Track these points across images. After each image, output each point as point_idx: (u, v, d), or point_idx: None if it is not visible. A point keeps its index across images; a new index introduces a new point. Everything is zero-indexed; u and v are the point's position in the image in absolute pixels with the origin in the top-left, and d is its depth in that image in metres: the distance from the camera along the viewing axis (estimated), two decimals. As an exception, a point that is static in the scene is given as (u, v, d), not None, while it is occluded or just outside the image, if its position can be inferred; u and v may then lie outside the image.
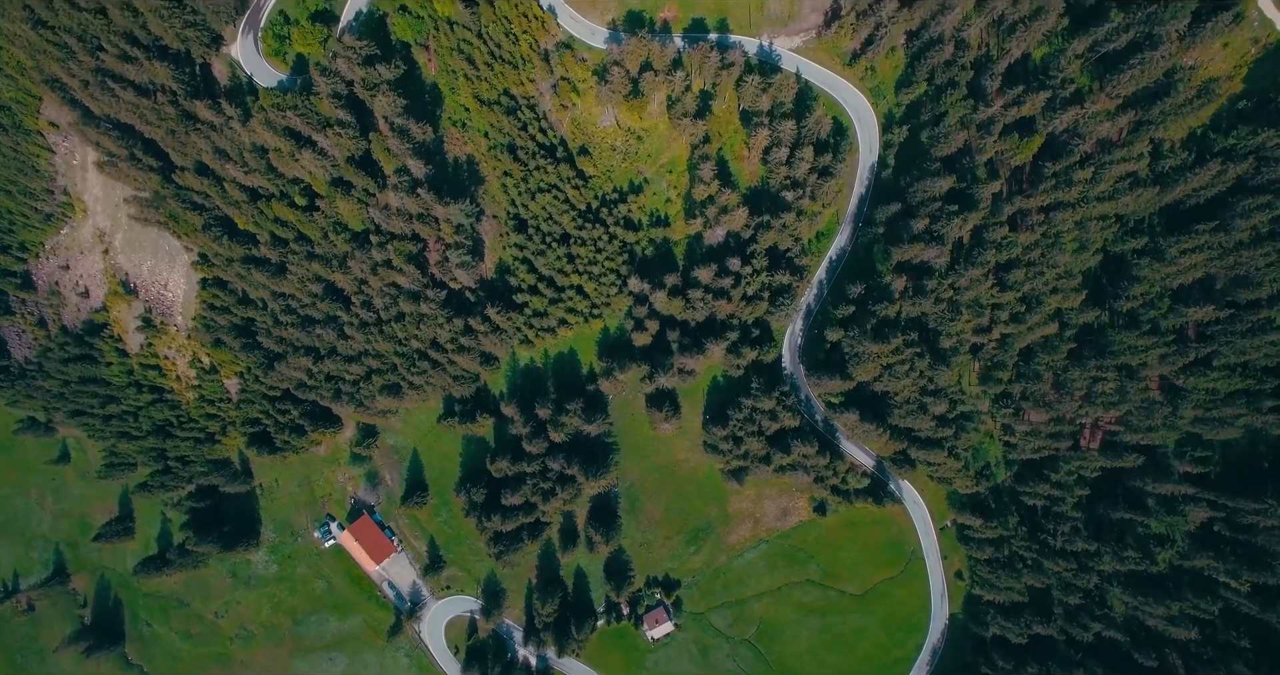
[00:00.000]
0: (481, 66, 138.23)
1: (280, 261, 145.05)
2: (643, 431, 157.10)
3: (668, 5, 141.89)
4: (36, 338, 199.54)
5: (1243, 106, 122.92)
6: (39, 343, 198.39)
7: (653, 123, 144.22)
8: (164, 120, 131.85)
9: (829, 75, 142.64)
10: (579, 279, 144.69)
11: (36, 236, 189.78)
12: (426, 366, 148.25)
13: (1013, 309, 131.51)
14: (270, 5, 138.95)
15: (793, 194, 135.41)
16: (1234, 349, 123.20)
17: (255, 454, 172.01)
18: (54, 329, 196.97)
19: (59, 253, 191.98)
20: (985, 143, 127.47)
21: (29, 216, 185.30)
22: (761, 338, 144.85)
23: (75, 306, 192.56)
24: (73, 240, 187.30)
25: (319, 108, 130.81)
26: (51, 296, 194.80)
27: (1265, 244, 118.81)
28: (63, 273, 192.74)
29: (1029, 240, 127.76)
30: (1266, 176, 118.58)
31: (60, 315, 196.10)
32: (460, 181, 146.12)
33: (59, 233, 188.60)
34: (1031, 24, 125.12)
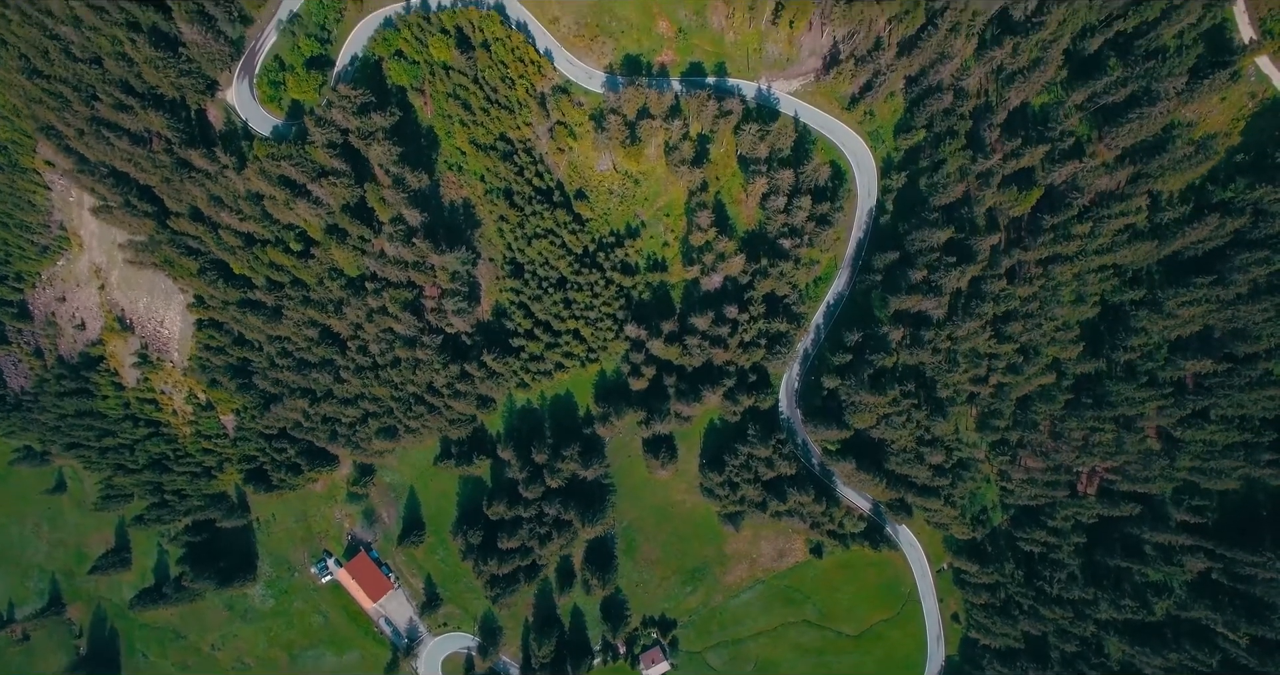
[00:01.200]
0: (478, 111, 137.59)
1: (276, 305, 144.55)
2: (640, 473, 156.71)
3: (665, 49, 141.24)
4: (33, 368, 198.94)
5: (1240, 159, 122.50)
6: (35, 373, 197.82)
7: (650, 166, 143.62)
8: (159, 168, 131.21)
9: (827, 119, 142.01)
10: (575, 324, 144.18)
11: (33, 267, 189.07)
12: (423, 410, 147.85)
13: (1010, 360, 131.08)
14: (265, 50, 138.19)
15: (790, 242, 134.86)
16: (1232, 402, 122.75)
17: (252, 491, 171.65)
18: (50, 359, 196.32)
19: (55, 284, 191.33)
20: (984, 194, 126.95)
21: (25, 248, 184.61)
22: (758, 384, 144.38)
23: (71, 338, 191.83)
24: (69, 272, 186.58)
25: (314, 156, 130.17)
26: (48, 327, 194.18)
27: (1264, 298, 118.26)
28: (59, 304, 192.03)
29: (1027, 293, 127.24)
30: (1264, 231, 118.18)
31: (56, 346, 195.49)
32: (456, 225, 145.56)
33: (55, 264, 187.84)
34: (1031, 75, 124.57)
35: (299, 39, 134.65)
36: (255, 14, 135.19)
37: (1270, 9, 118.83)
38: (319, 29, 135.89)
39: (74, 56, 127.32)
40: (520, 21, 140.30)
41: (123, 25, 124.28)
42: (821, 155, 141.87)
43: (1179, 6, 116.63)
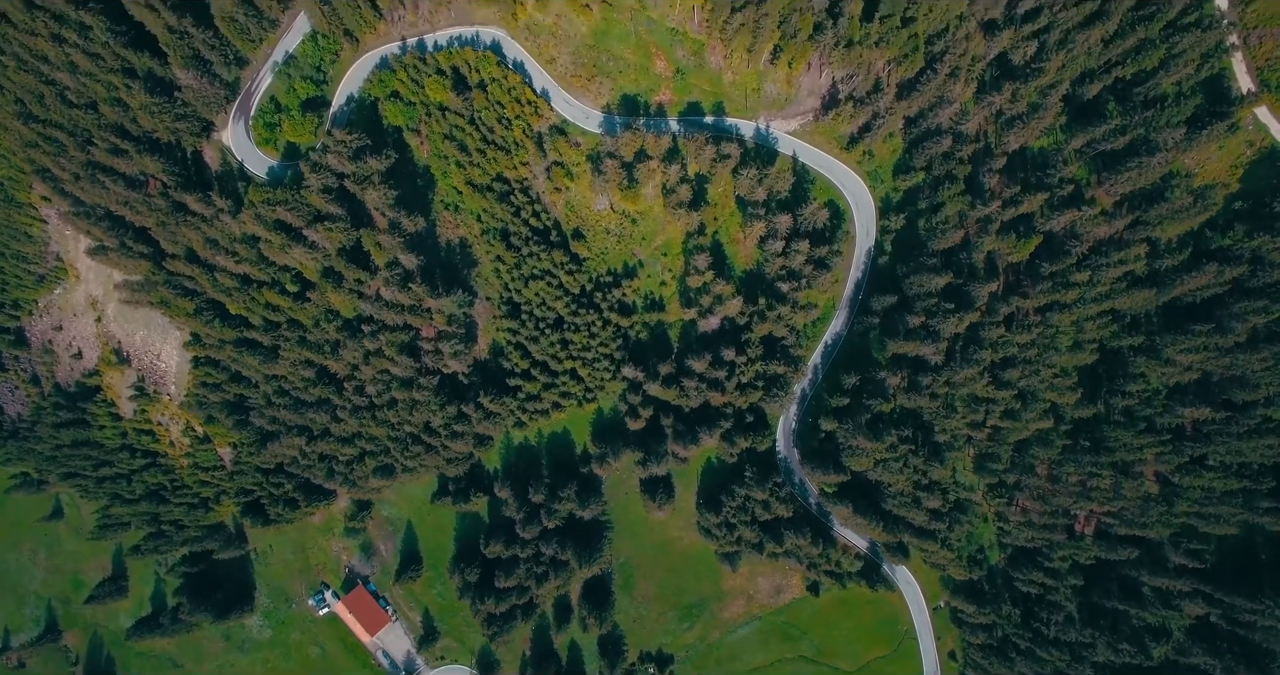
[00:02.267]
0: (474, 152, 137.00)
1: (272, 345, 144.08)
2: (637, 510, 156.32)
3: (663, 89, 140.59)
4: (29, 395, 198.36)
5: (1239, 206, 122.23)
6: (32, 400, 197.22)
7: (647, 206, 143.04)
8: (154, 211, 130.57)
9: (826, 158, 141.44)
10: (572, 364, 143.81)
11: (29, 295, 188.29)
12: (420, 450, 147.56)
13: (1008, 405, 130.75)
14: (261, 91, 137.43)
15: (788, 285, 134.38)
16: (1230, 449, 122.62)
17: (249, 523, 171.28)
18: (47, 386, 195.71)
19: (52, 312, 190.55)
20: (982, 240, 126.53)
21: (21, 277, 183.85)
22: (756, 424, 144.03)
23: (68, 366, 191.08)
24: (65, 301, 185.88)
25: (309, 200, 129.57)
26: (44, 355, 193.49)
27: (1263, 347, 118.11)
28: (55, 333, 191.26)
29: (1025, 340, 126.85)
30: (1263, 280, 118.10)
31: (54, 373, 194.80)
32: (453, 265, 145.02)
33: (52, 292, 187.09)
34: (1030, 120, 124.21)
35: (294, 81, 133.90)
36: (251, 55, 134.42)
37: (1267, 58, 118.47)
38: (314, 71, 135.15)
39: (69, 102, 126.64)
40: (517, 61, 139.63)
41: (118, 71, 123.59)
42: (820, 196, 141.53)
43: (1177, 55, 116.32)
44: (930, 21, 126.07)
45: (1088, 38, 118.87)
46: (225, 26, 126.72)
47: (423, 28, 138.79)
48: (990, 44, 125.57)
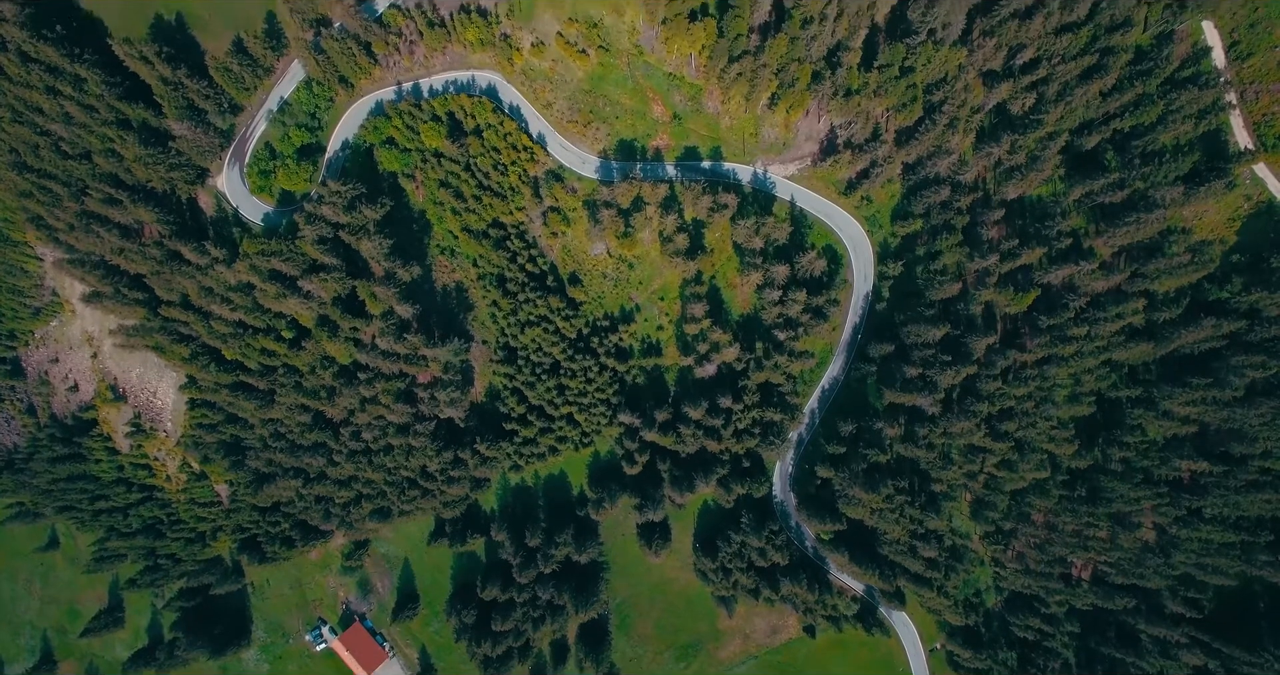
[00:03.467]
0: (469, 199, 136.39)
1: (269, 389, 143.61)
2: (634, 550, 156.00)
3: (660, 133, 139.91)
4: (25, 425, 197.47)
5: (1236, 259, 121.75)
6: (28, 430, 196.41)
7: (644, 250, 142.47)
8: (149, 260, 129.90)
9: (824, 203, 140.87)
10: (569, 409, 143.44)
11: (25, 326, 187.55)
12: (416, 494, 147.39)
13: (1004, 455, 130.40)
14: (256, 137, 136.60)
15: (785, 334, 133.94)
16: (1228, 503, 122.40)
17: (246, 560, 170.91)
18: (43, 417, 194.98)
19: (48, 344, 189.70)
20: (980, 293, 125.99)
21: (17, 310, 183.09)
22: (752, 469, 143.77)
23: (64, 398, 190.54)
24: (61, 334, 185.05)
25: (304, 249, 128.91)
26: (40, 386, 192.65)
27: (1261, 403, 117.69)
28: (52, 365, 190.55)
29: (1022, 393, 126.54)
30: (1260, 335, 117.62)
31: (50, 404, 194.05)
32: (449, 309, 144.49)
33: (48, 324, 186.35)
34: (1028, 172, 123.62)
35: (289, 129, 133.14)
36: (245, 102, 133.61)
37: (1264, 113, 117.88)
38: (309, 117, 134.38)
39: (64, 153, 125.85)
40: (513, 105, 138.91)
41: (112, 123, 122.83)
42: (818, 241, 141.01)
43: (1175, 111, 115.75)
44: (929, 72, 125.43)
45: (1086, 91, 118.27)
46: (219, 76, 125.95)
47: (418, 72, 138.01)
48: (989, 95, 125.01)
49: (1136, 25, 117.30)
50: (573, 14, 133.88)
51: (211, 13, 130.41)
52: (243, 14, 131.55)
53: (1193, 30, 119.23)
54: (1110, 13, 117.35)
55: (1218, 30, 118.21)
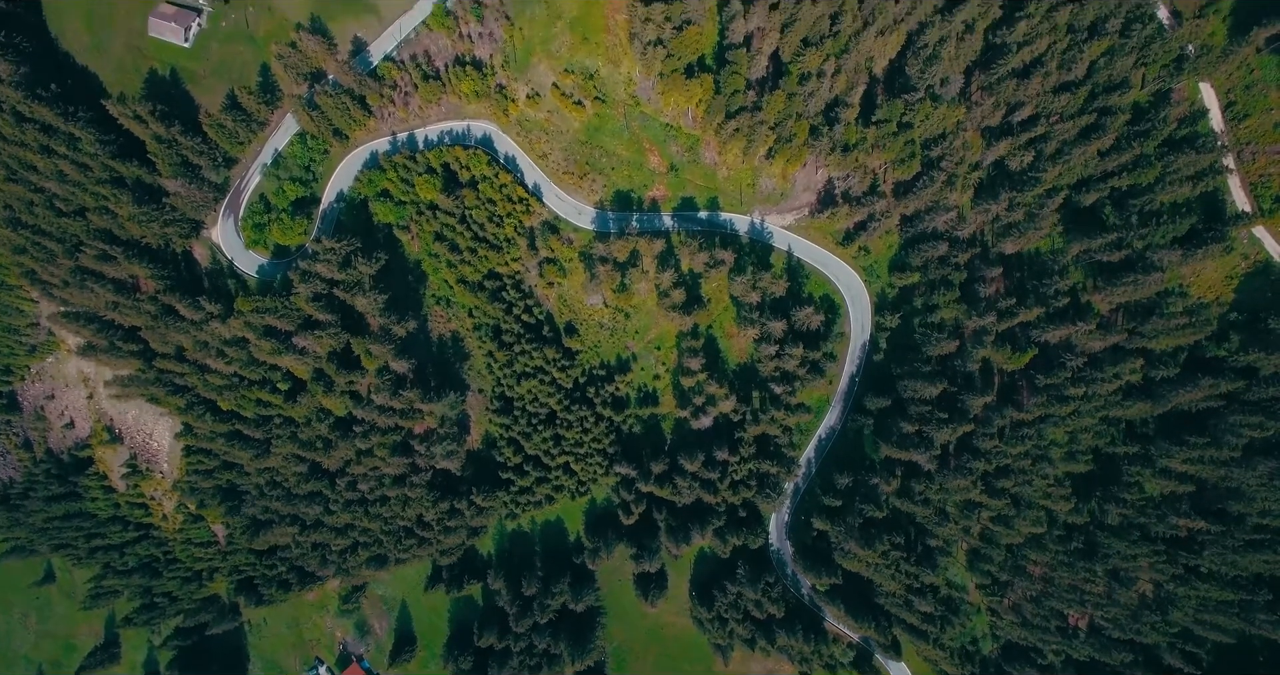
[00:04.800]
0: (465, 251, 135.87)
1: (265, 439, 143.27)
2: (630, 595, 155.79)
3: (657, 184, 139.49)
4: (21, 460, 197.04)
5: (1234, 318, 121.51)
6: (24, 465, 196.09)
7: (641, 300, 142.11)
8: (143, 314, 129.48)
9: (821, 252, 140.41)
10: (565, 459, 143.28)
11: (21, 361, 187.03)
12: (413, 543, 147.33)
13: (1001, 511, 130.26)
14: (251, 188, 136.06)
15: (781, 388, 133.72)
16: (1226, 561, 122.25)
17: (243, 601, 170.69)
18: (39, 452, 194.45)
19: (44, 379, 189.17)
20: (977, 351, 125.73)
21: (13, 347, 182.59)
22: (749, 519, 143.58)
23: (60, 434, 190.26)
24: (58, 370, 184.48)
25: (299, 305, 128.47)
26: (37, 421, 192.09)
27: (1259, 463, 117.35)
28: (48, 401, 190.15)
29: (1019, 450, 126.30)
30: (1258, 395, 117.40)
31: (46, 439, 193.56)
32: (445, 359, 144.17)
33: (44, 360, 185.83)
34: (1026, 230, 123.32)
35: (283, 183, 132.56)
36: (239, 155, 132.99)
37: (1260, 174, 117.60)
38: (303, 171, 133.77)
39: (58, 210, 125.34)
40: (509, 155, 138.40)
41: (106, 182, 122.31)
42: (815, 290, 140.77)
43: (1173, 172, 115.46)
44: (927, 127, 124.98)
45: (1084, 151, 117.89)
46: (213, 132, 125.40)
47: (413, 123, 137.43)
48: (987, 151, 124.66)
49: (1134, 86, 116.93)
50: (568, 65, 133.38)
51: (205, 67, 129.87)
52: (237, 68, 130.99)
53: (1189, 89, 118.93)
54: (1108, 73, 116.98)
55: (1214, 90, 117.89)
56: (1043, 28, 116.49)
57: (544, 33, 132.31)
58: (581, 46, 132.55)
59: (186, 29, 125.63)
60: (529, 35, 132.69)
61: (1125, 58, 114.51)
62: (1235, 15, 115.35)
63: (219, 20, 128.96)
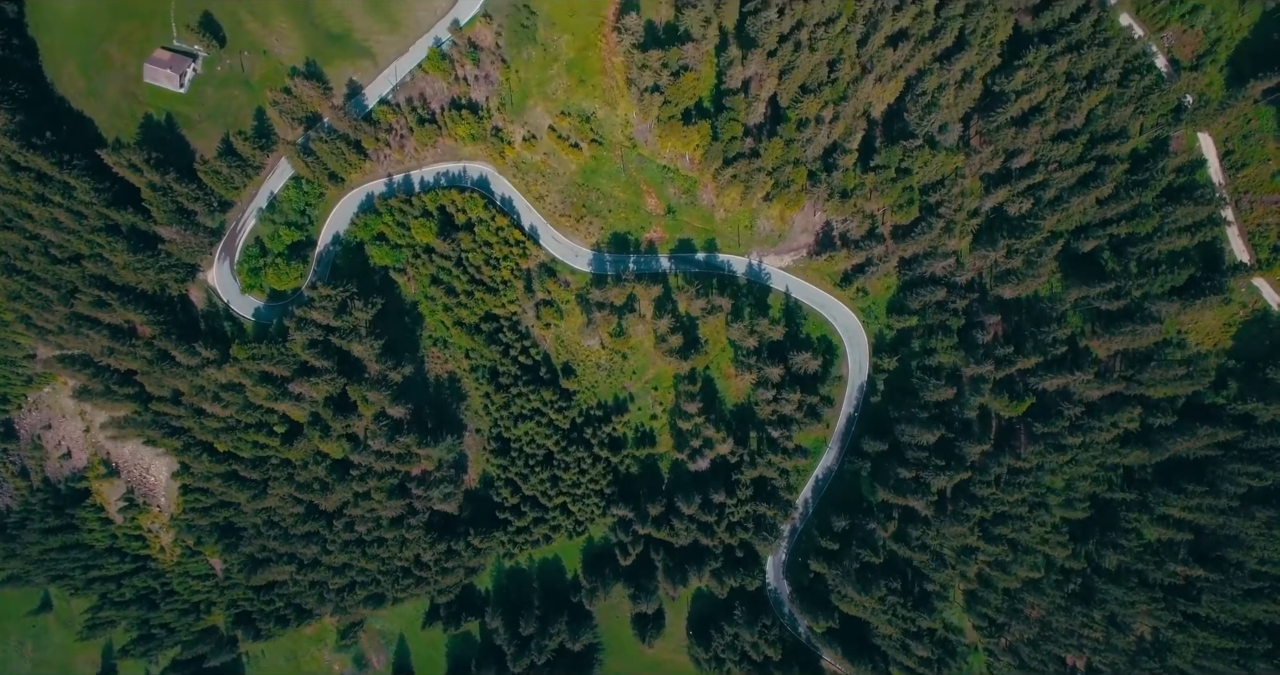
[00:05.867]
0: (461, 294, 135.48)
1: (262, 479, 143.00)
2: (627, 633, 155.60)
3: (654, 226, 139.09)
4: (18, 488, 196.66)
5: (1232, 365, 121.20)
6: (20, 493, 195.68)
7: (638, 340, 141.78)
8: (139, 359, 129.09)
9: (819, 293, 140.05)
10: (562, 499, 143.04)
11: (18, 391, 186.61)
12: (410, 583, 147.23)
13: (998, 556, 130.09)
14: (246, 231, 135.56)
15: (779, 432, 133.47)
16: (1224, 609, 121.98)
17: (241, 635, 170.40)
18: (36, 480, 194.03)
19: (41, 409, 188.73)
20: (975, 398, 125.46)
21: (9, 378, 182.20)
22: (746, 560, 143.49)
23: (57, 464, 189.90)
24: (54, 401, 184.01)
25: (294, 350, 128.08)
26: (34, 450, 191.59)
27: (1257, 512, 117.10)
28: (45, 431, 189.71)
29: (1016, 498, 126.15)
30: (1256, 444, 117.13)
31: (43, 467, 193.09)
32: (442, 400, 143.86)
33: (41, 390, 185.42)
34: (1025, 277, 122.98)
35: (279, 228, 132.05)
36: (235, 198, 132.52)
37: (1258, 224, 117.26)
38: (298, 215, 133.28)
39: (53, 257, 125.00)
40: (505, 197, 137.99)
41: (101, 230, 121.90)
42: (813, 331, 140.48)
43: (1171, 222, 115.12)
44: (926, 174, 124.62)
45: (1084, 200, 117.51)
46: (208, 178, 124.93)
47: (409, 164, 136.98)
48: (986, 198, 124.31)
49: (1133, 136, 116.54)
50: (565, 107, 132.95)
51: (200, 112, 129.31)
52: (232, 112, 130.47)
53: (1188, 138, 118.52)
54: (1106, 122, 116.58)
55: (1212, 139, 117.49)
56: (1041, 77, 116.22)
57: (540, 75, 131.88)
58: (578, 89, 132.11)
59: (182, 75, 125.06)
60: (525, 78, 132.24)
61: (1124, 108, 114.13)
62: (1231, 66, 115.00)
63: (214, 65, 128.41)
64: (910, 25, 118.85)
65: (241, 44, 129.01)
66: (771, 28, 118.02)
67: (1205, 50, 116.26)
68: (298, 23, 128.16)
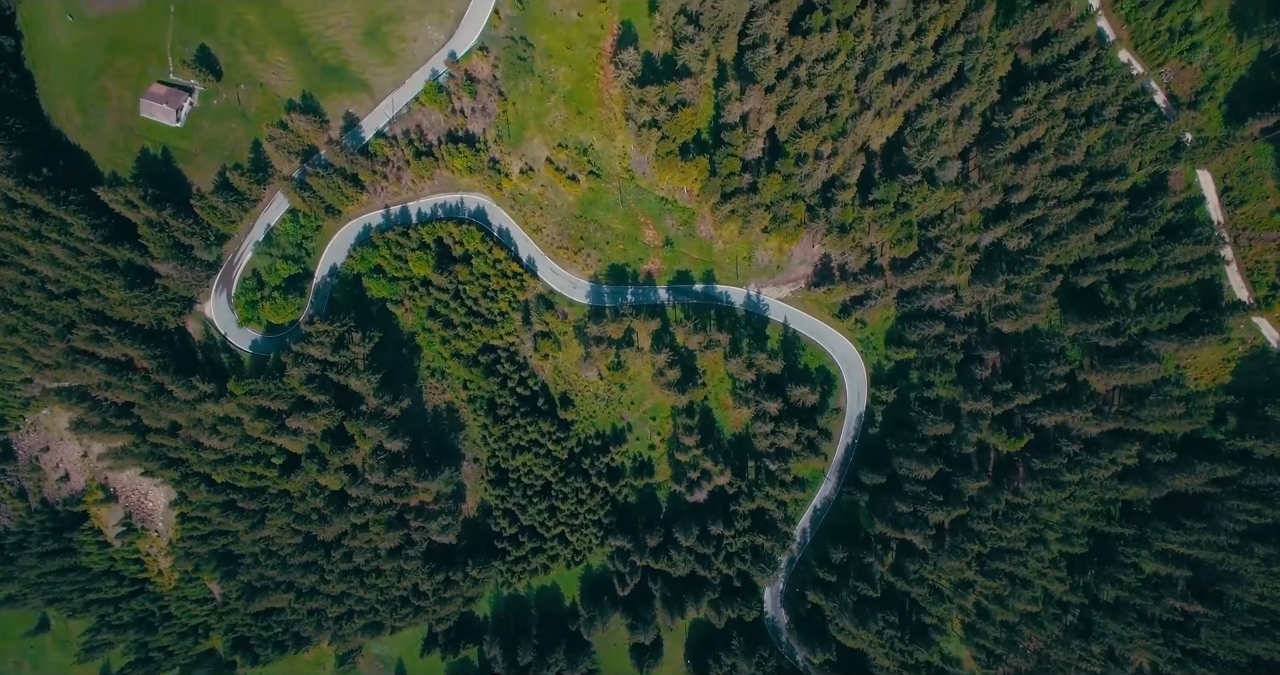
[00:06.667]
0: (459, 326, 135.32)
1: (260, 509, 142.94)
2: (625, 662, 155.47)
3: (652, 257, 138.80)
4: (16, 509, 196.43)
5: (1230, 401, 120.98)
6: (18, 514, 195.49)
7: (636, 371, 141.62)
8: (136, 393, 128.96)
9: (818, 324, 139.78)
10: (561, 529, 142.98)
11: (16, 412, 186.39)
12: (409, 612, 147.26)
13: (996, 591, 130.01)
14: (243, 264, 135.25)
15: (777, 465, 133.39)
16: (1223, 645, 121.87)
17: (239, 659, 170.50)
18: (34, 501, 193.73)
19: (39, 430, 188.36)
20: (972, 434, 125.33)
21: (7, 401, 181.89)
22: (744, 590, 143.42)
23: (55, 485, 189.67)
24: (53, 423, 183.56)
25: (292, 384, 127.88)
26: (32, 471, 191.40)
27: (1256, 549, 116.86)
28: (43, 453, 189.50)
29: (1014, 533, 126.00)
30: (1255, 481, 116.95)
31: (41, 489, 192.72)
32: (440, 430, 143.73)
33: (39, 412, 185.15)
34: (1023, 313, 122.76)
35: (275, 261, 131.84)
36: (231, 231, 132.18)
37: (1257, 261, 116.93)
38: (295, 248, 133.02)
39: (50, 293, 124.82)
40: (502, 228, 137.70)
41: (98, 266, 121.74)
42: (811, 361, 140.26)
43: (1170, 260, 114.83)
44: (925, 209, 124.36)
45: (1083, 237, 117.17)
46: (205, 214, 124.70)
47: (406, 196, 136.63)
48: (985, 233, 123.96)
49: (1131, 174, 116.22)
50: (562, 140, 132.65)
51: (197, 146, 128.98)
52: (229, 145, 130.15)
53: (1187, 173, 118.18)
54: (1105, 158, 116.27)
55: (1211, 176, 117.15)
56: (1040, 114, 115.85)
57: (538, 107, 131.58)
58: (575, 121, 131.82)
59: (178, 110, 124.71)
60: (522, 110, 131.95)
61: (1123, 146, 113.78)
62: (1229, 103, 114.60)
63: (211, 99, 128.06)
64: (909, 61, 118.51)
65: (238, 77, 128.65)
66: (769, 63, 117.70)
67: (1203, 87, 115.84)
68: (294, 56, 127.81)
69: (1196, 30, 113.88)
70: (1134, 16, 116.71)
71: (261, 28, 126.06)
